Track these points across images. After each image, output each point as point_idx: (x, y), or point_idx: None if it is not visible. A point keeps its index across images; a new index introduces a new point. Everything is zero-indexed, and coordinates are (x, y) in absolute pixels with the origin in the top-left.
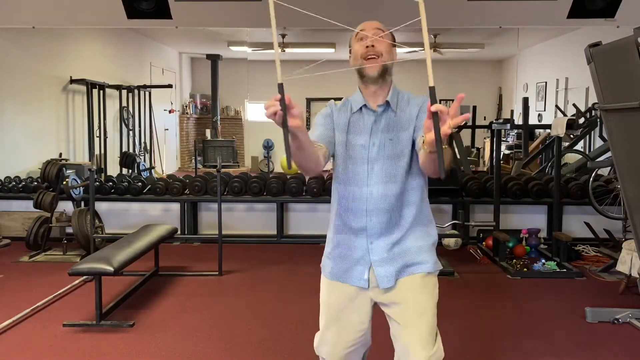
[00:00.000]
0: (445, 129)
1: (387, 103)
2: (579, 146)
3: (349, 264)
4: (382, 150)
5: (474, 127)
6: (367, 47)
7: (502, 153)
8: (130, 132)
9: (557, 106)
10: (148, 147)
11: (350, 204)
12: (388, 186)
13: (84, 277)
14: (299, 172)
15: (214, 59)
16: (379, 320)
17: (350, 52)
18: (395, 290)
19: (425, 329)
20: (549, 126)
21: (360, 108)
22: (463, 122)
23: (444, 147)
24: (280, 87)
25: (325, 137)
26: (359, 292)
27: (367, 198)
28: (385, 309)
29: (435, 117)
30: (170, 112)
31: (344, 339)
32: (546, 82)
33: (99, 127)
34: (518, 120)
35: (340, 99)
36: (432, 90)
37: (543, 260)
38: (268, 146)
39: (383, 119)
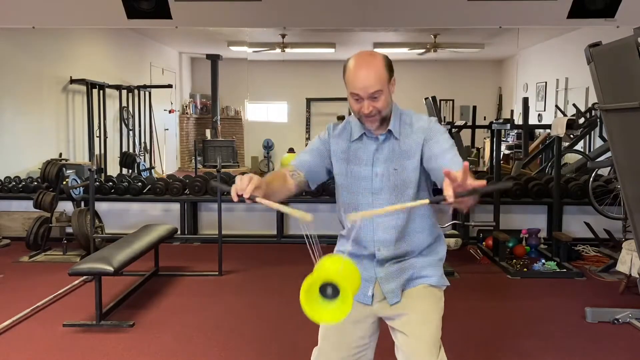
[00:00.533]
0: (467, 188)
1: (390, 132)
2: (579, 146)
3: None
4: (387, 180)
5: (474, 127)
6: (364, 113)
7: (502, 153)
8: (130, 132)
9: (557, 106)
10: (148, 147)
11: (357, 234)
12: (394, 217)
13: (84, 277)
14: None
15: (214, 59)
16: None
17: (345, 83)
18: (400, 302)
19: (429, 338)
20: (549, 126)
21: (361, 136)
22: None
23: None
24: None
25: (312, 166)
26: (362, 308)
27: (373, 229)
28: (390, 322)
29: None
30: (170, 112)
31: (341, 354)
32: (546, 82)
33: (99, 127)
34: (518, 120)
35: (340, 99)
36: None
37: (543, 260)
38: (268, 146)
39: (386, 147)
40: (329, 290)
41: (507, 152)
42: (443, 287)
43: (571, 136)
